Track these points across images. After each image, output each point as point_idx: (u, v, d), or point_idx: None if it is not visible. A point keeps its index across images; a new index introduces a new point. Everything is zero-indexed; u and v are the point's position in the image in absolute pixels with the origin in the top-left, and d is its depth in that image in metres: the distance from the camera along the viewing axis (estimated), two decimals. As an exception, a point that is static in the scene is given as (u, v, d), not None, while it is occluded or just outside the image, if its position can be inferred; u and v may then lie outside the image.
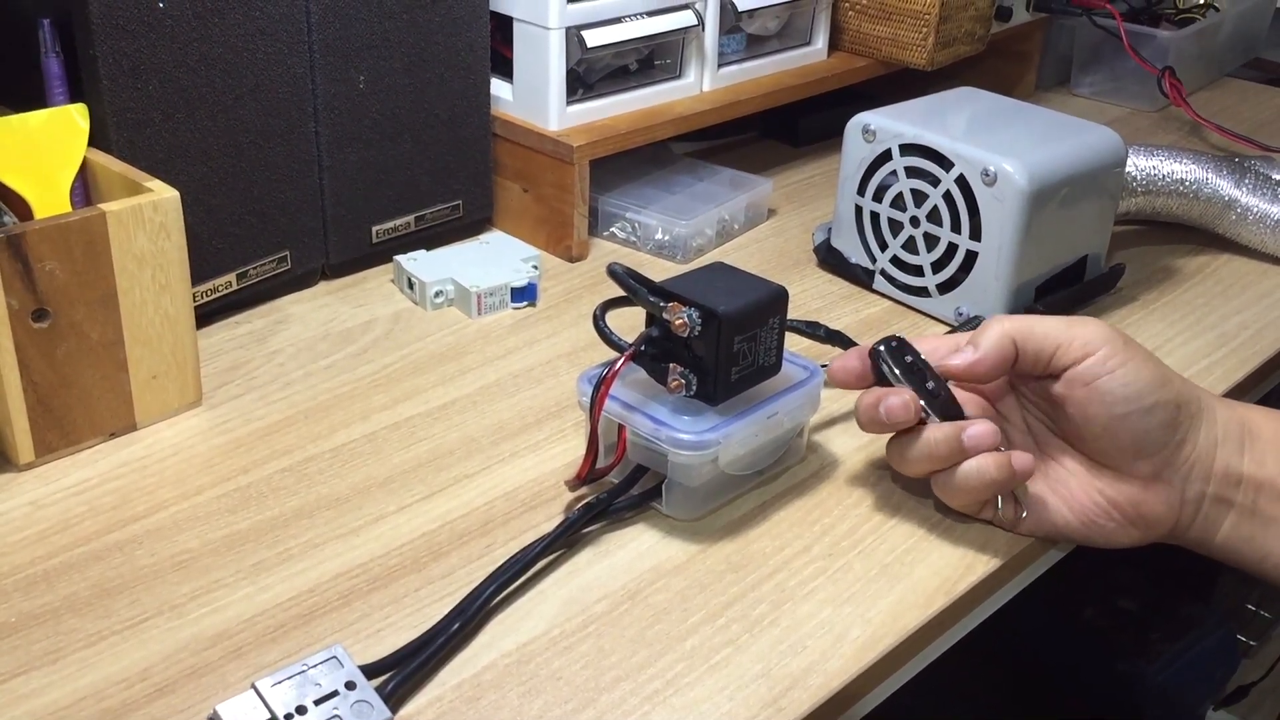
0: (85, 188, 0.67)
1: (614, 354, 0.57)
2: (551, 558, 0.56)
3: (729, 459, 0.58)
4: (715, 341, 0.55)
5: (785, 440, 0.62)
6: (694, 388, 0.57)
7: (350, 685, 0.46)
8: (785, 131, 1.08)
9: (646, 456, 0.58)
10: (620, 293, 0.59)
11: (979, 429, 0.55)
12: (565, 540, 0.56)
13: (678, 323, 0.55)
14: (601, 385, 0.56)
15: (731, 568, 0.56)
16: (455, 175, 0.84)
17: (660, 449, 0.56)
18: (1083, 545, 0.59)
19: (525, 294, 0.79)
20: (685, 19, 0.88)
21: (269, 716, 0.45)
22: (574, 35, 0.82)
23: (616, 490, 0.58)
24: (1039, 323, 0.56)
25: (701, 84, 0.93)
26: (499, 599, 0.53)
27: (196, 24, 0.67)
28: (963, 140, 0.75)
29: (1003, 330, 0.56)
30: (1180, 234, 0.92)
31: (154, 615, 0.52)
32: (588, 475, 0.58)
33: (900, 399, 0.56)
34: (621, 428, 0.58)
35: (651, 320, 0.58)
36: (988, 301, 0.75)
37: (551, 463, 0.63)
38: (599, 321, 0.59)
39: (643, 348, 0.57)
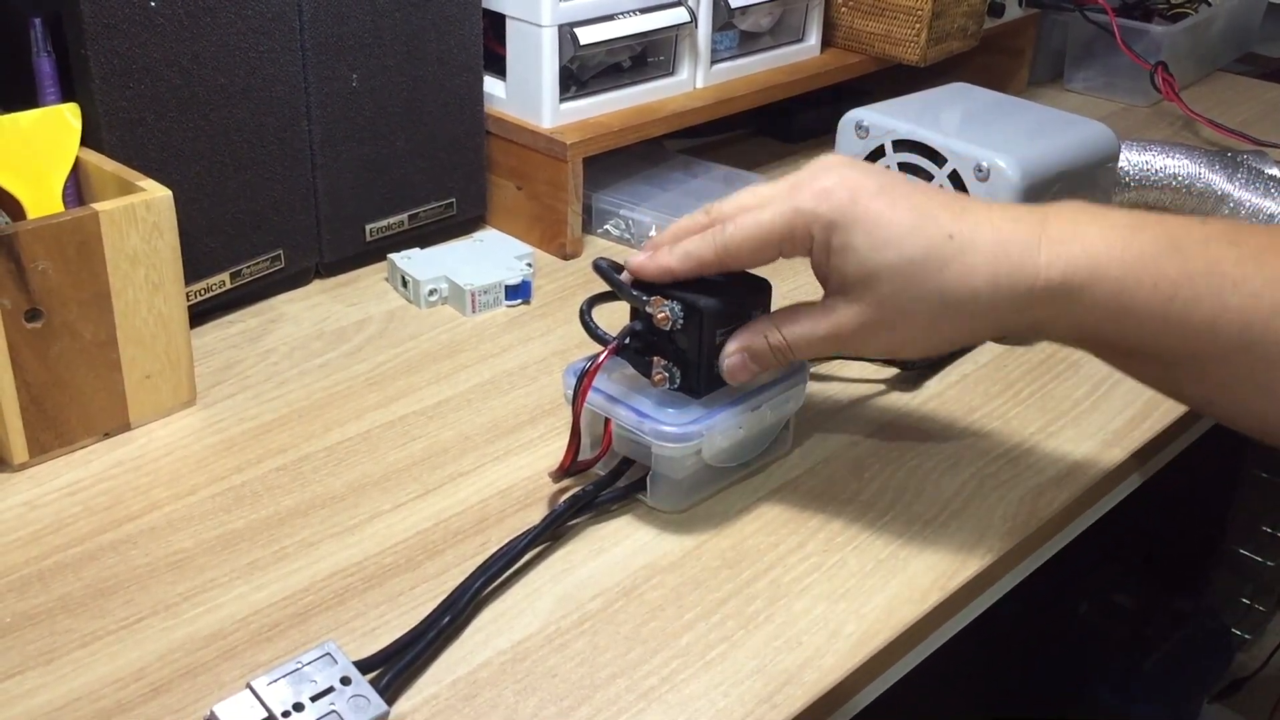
0: (78, 187, 0.66)
1: (601, 347, 0.57)
2: (540, 549, 0.56)
3: (712, 451, 0.58)
4: (697, 334, 0.56)
5: (770, 433, 0.62)
6: (677, 381, 0.57)
7: (345, 680, 0.46)
8: (778, 128, 1.08)
9: (631, 449, 0.58)
10: (609, 288, 0.59)
11: None
12: (552, 533, 0.56)
13: (660, 316, 0.55)
14: (584, 377, 0.56)
15: (726, 564, 0.56)
16: (449, 173, 0.84)
17: (644, 441, 0.56)
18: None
19: (519, 292, 0.79)
20: (678, 16, 0.88)
21: (266, 715, 0.45)
22: (567, 32, 0.82)
23: (602, 482, 0.59)
24: (747, 227, 0.54)
25: (694, 81, 0.93)
26: (494, 597, 0.53)
27: (189, 23, 0.67)
28: (956, 136, 0.75)
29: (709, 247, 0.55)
30: (1173, 229, 0.92)
31: (148, 615, 0.52)
32: (570, 467, 0.58)
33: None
34: (607, 420, 0.58)
35: (635, 314, 0.58)
36: (981, 297, 0.75)
37: (546, 460, 0.63)
38: (585, 315, 0.59)
39: (626, 341, 0.57)
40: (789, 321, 0.56)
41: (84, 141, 0.66)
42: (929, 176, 0.76)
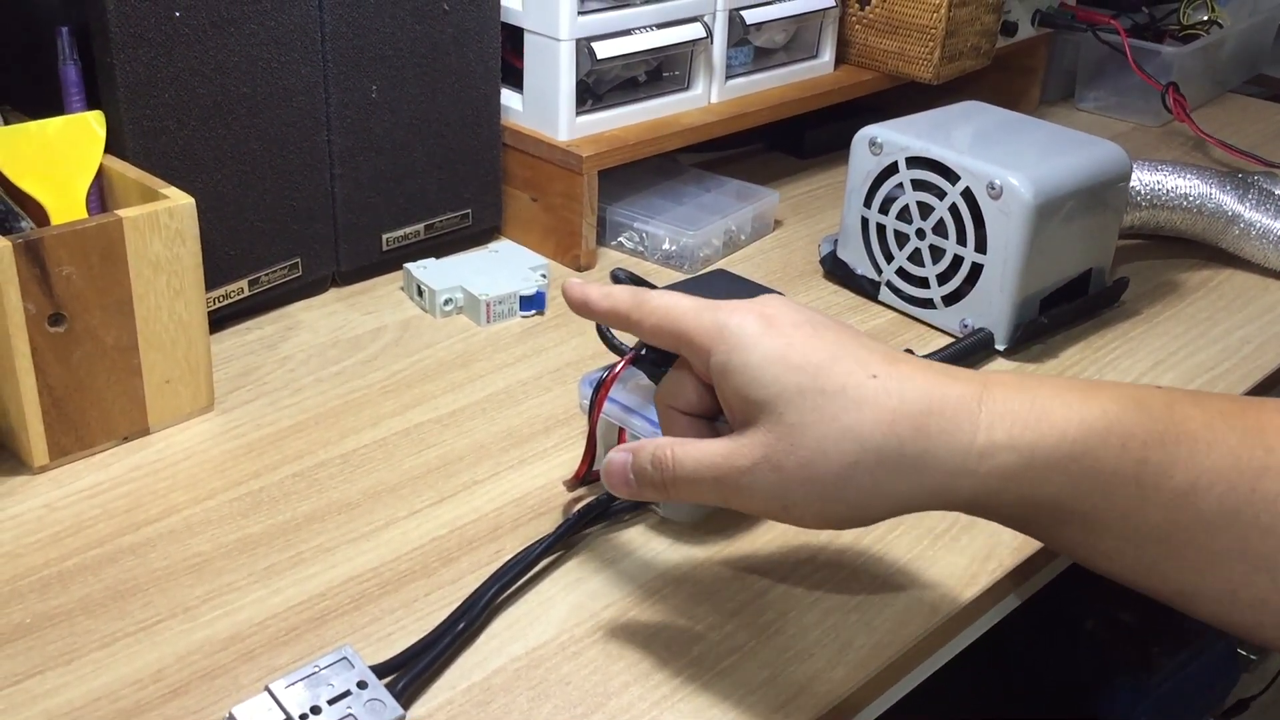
0: (101, 194, 0.67)
1: (617, 358, 0.58)
2: (553, 558, 0.57)
3: (730, 464, 0.58)
4: None
5: (790, 449, 0.63)
6: None
7: (362, 685, 0.47)
8: (791, 143, 1.09)
9: None
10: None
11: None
12: (566, 541, 0.57)
13: None
14: (601, 388, 0.57)
15: (738, 575, 0.57)
16: (465, 184, 0.85)
17: None
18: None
19: (533, 302, 0.79)
20: (694, 31, 0.89)
21: (284, 718, 0.45)
22: (584, 47, 0.83)
23: None
24: (668, 303, 0.50)
25: (709, 96, 0.93)
26: (508, 604, 0.54)
27: (213, 33, 0.68)
28: (969, 153, 0.76)
29: (620, 298, 0.52)
30: (1183, 248, 0.93)
31: (167, 617, 0.52)
32: (585, 476, 0.59)
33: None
34: (621, 430, 0.58)
35: None
36: (993, 314, 0.76)
37: (560, 469, 0.63)
38: (601, 325, 0.60)
39: (643, 352, 0.58)
40: (684, 442, 0.48)
41: (108, 149, 0.66)
42: (942, 194, 0.76)
